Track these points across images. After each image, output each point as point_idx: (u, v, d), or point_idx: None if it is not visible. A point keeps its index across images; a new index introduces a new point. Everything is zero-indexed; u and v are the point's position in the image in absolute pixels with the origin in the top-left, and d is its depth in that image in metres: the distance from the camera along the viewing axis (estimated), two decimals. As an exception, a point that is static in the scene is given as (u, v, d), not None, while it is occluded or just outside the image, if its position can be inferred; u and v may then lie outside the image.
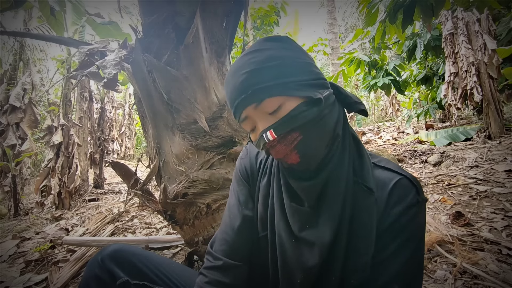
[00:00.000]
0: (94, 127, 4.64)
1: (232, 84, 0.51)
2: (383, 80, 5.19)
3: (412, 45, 4.67)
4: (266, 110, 0.49)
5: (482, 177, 2.25)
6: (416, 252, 0.50)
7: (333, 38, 8.92)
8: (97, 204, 3.60)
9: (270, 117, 0.49)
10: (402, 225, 0.50)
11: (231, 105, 0.53)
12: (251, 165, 0.67)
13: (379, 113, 12.68)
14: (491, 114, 3.78)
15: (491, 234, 1.44)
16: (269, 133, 0.49)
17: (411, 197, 0.50)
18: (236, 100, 0.50)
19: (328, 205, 0.52)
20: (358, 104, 0.56)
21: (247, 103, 0.49)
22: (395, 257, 0.49)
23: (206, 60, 1.25)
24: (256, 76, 0.48)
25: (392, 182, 0.52)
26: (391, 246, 0.49)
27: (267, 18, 6.17)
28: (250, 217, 0.62)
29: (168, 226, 2.25)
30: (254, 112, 0.50)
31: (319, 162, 0.51)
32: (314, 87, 0.50)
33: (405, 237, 0.49)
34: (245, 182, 0.66)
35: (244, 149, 0.71)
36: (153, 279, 0.66)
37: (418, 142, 4.61)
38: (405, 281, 0.49)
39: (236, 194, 0.65)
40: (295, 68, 0.50)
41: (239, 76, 0.50)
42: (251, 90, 0.48)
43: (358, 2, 2.85)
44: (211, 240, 0.66)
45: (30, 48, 4.37)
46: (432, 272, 1.22)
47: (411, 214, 0.50)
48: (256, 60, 0.49)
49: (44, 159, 3.85)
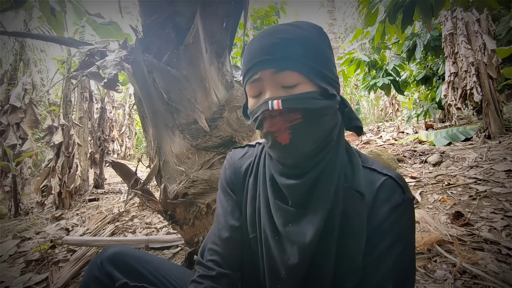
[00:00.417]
0: (95, 127, 4.64)
1: (259, 43, 0.50)
2: (382, 80, 5.19)
3: (412, 45, 4.67)
4: (282, 81, 0.49)
5: (481, 177, 2.25)
6: (406, 250, 0.50)
7: (333, 38, 8.93)
8: (97, 204, 3.60)
9: (281, 90, 0.49)
10: (390, 225, 0.50)
11: (248, 62, 0.51)
12: (235, 174, 0.66)
13: (379, 113, 12.69)
14: (490, 114, 3.79)
15: (491, 234, 1.44)
16: (276, 102, 0.48)
17: (397, 196, 0.51)
18: (258, 58, 0.50)
19: (314, 207, 0.52)
20: (357, 121, 0.58)
21: (268, 66, 0.49)
22: (385, 256, 0.49)
23: (206, 60, 1.25)
24: (290, 46, 0.49)
25: (378, 183, 0.53)
26: (381, 246, 0.50)
27: (267, 18, 6.17)
28: (238, 227, 0.62)
29: (168, 226, 2.26)
30: (270, 77, 0.49)
31: (307, 159, 0.51)
32: (332, 85, 0.51)
33: (395, 236, 0.50)
34: (230, 192, 0.66)
35: (227, 158, 0.70)
36: (152, 281, 0.66)
37: (418, 142, 4.61)
38: (397, 279, 0.49)
39: (223, 205, 0.66)
40: (324, 60, 0.51)
41: (272, 38, 0.49)
42: (280, 55, 0.48)
43: (358, 2, 2.86)
44: (200, 249, 0.66)
45: (31, 48, 4.38)
46: (432, 272, 1.23)
47: (398, 213, 0.50)
48: (295, 33, 0.50)
49: (44, 159, 3.86)
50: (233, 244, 0.62)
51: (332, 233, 0.51)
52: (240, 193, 0.65)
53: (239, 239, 0.62)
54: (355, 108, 11.10)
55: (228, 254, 0.61)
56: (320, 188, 0.52)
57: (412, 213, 0.53)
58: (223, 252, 0.61)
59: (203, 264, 0.62)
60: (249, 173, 0.65)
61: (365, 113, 13.82)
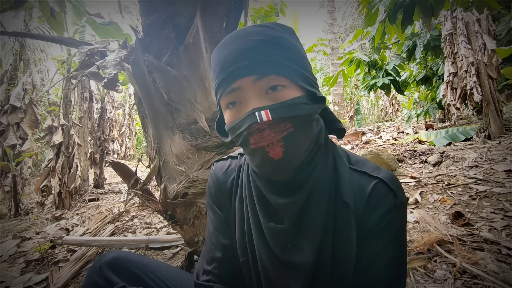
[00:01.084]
0: (95, 127, 4.64)
1: (232, 48, 0.45)
2: (382, 80, 5.19)
3: (412, 45, 4.67)
4: (265, 88, 0.44)
5: (481, 177, 2.25)
6: (397, 255, 0.49)
7: (333, 38, 8.93)
8: (97, 204, 3.60)
9: (265, 97, 0.44)
10: (381, 230, 0.48)
11: (221, 71, 0.45)
12: (221, 191, 0.63)
13: (379, 113, 12.69)
14: (490, 114, 3.79)
15: (491, 234, 1.44)
16: (264, 113, 0.43)
17: (388, 201, 0.49)
18: (233, 65, 0.44)
19: (311, 222, 0.50)
20: (338, 123, 0.55)
21: (248, 73, 0.43)
22: (376, 262, 0.48)
23: (206, 60, 1.25)
24: (269, 48, 0.44)
25: (369, 188, 0.50)
26: (372, 251, 0.49)
27: (267, 19, 6.17)
28: (230, 245, 0.61)
29: (168, 226, 2.26)
30: (251, 85, 0.44)
31: (300, 171, 0.48)
32: (316, 88, 0.49)
33: (386, 241, 0.48)
34: (218, 210, 0.64)
35: (211, 174, 0.67)
36: (150, 285, 0.66)
37: (417, 142, 4.61)
38: (387, 283, 0.48)
39: (213, 223, 0.64)
40: (304, 62, 0.48)
41: (246, 40, 0.44)
42: (260, 59, 0.43)
43: (358, 3, 2.86)
44: (196, 270, 0.66)
45: (31, 48, 4.38)
46: (432, 272, 1.22)
47: (390, 218, 0.48)
48: (270, 34, 0.45)
49: (44, 159, 3.85)
50: (227, 263, 0.61)
51: (328, 245, 0.50)
52: (228, 211, 0.63)
53: (233, 257, 0.61)
54: (355, 108, 11.12)
55: (223, 273, 0.61)
56: (314, 201, 0.50)
57: (404, 217, 0.51)
58: (217, 272, 0.61)
59: (199, 285, 0.62)
60: (233, 190, 0.62)
61: (365, 113, 13.82)
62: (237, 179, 0.62)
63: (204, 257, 0.64)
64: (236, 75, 0.44)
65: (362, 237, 0.49)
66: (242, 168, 0.61)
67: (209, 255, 0.62)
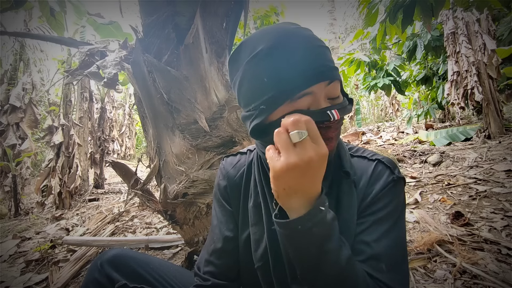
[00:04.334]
0: (95, 127, 4.64)
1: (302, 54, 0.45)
2: (383, 81, 5.19)
3: (413, 45, 4.67)
4: (329, 92, 0.48)
5: (481, 177, 2.25)
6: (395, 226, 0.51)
7: (333, 38, 8.94)
8: (98, 204, 3.61)
9: (327, 101, 0.48)
10: (379, 199, 0.52)
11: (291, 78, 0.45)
12: (230, 185, 0.65)
13: (379, 113, 12.69)
14: (490, 114, 3.79)
15: (491, 234, 1.44)
16: (335, 112, 0.47)
17: (386, 176, 0.54)
18: (309, 71, 0.45)
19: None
20: None
21: (323, 78, 0.46)
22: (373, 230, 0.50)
23: (206, 60, 1.25)
24: (329, 54, 0.47)
25: (371, 168, 0.55)
26: (371, 221, 0.51)
27: (267, 19, 6.17)
28: (232, 238, 0.62)
29: (168, 226, 2.26)
30: (322, 90, 0.47)
31: None
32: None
33: (385, 211, 0.51)
34: (225, 204, 0.65)
35: (220, 168, 0.69)
36: (151, 282, 0.66)
37: (417, 142, 4.62)
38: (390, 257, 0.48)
39: (218, 216, 0.66)
40: None
41: (314, 46, 0.46)
42: (330, 65, 0.46)
43: (358, 3, 2.86)
44: (197, 261, 0.67)
45: (31, 48, 4.38)
46: (432, 272, 1.22)
47: (388, 190, 0.53)
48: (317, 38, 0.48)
49: (44, 159, 3.86)
50: (228, 255, 0.62)
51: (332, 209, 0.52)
52: (235, 203, 0.64)
53: (234, 250, 0.62)
54: (355, 108, 11.12)
55: (224, 265, 0.62)
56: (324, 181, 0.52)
57: (401, 190, 0.54)
58: (219, 263, 0.62)
59: (199, 275, 0.63)
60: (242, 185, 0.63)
61: (365, 113, 13.83)
62: (247, 173, 0.64)
63: (205, 248, 0.66)
64: (313, 79, 0.45)
65: (361, 210, 0.52)
66: (253, 163, 0.63)
67: (210, 246, 0.64)
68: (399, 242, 0.51)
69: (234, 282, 0.62)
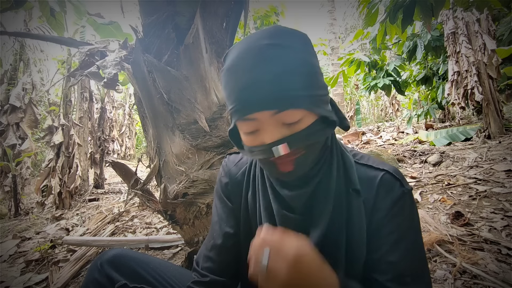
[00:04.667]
0: (95, 127, 4.64)
1: (249, 77, 0.42)
2: (383, 81, 5.19)
3: (413, 46, 4.67)
4: (283, 120, 0.44)
5: (481, 177, 2.25)
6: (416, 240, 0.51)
7: (333, 38, 8.94)
8: (98, 204, 3.61)
9: (283, 127, 0.45)
10: (395, 216, 0.51)
11: (238, 99, 0.44)
12: (231, 181, 0.65)
13: (379, 113, 12.69)
14: (490, 114, 3.79)
15: (491, 234, 1.44)
16: (282, 148, 0.44)
17: (397, 189, 0.52)
18: (252, 98, 0.43)
19: (319, 211, 0.52)
20: (345, 121, 0.55)
21: (266, 107, 0.43)
22: (395, 249, 0.49)
23: (206, 60, 1.25)
24: (287, 80, 0.42)
25: (378, 179, 0.53)
26: (389, 239, 0.50)
27: (267, 19, 6.18)
28: (232, 234, 0.62)
29: (168, 226, 2.26)
30: (269, 118, 0.44)
31: (308, 171, 0.51)
32: (326, 103, 0.50)
33: (401, 228, 0.50)
34: (226, 200, 0.66)
35: (223, 165, 0.69)
36: (151, 282, 0.66)
37: (417, 142, 4.62)
38: (414, 269, 0.49)
39: (218, 212, 0.66)
40: (318, 79, 0.47)
41: (265, 71, 0.42)
42: (279, 94, 0.42)
43: (358, 3, 2.86)
44: (196, 256, 0.67)
45: (31, 48, 4.38)
46: (432, 272, 1.22)
47: (401, 205, 0.51)
48: (287, 58, 0.43)
49: (44, 159, 3.86)
50: (227, 251, 0.62)
51: (341, 233, 0.52)
52: (237, 200, 0.64)
53: (234, 246, 0.62)
54: (355, 108, 11.12)
55: (223, 261, 0.62)
56: (322, 192, 0.52)
57: (413, 203, 0.54)
58: (218, 259, 0.62)
59: (198, 271, 0.63)
60: (244, 182, 0.64)
61: (365, 113, 13.83)
62: (249, 171, 0.64)
63: (205, 244, 0.66)
64: (254, 108, 0.43)
65: (375, 227, 0.51)
66: (255, 161, 0.63)
67: (210, 242, 0.64)
68: (420, 254, 0.51)
69: (232, 279, 0.63)
